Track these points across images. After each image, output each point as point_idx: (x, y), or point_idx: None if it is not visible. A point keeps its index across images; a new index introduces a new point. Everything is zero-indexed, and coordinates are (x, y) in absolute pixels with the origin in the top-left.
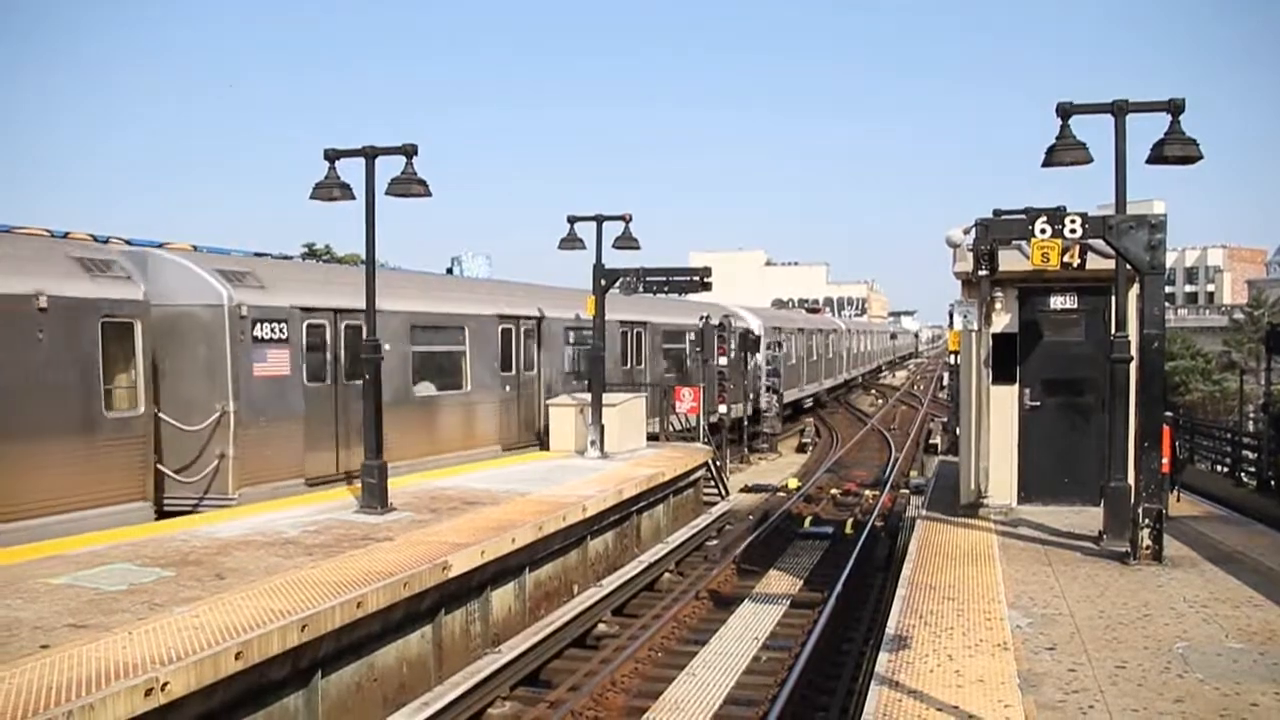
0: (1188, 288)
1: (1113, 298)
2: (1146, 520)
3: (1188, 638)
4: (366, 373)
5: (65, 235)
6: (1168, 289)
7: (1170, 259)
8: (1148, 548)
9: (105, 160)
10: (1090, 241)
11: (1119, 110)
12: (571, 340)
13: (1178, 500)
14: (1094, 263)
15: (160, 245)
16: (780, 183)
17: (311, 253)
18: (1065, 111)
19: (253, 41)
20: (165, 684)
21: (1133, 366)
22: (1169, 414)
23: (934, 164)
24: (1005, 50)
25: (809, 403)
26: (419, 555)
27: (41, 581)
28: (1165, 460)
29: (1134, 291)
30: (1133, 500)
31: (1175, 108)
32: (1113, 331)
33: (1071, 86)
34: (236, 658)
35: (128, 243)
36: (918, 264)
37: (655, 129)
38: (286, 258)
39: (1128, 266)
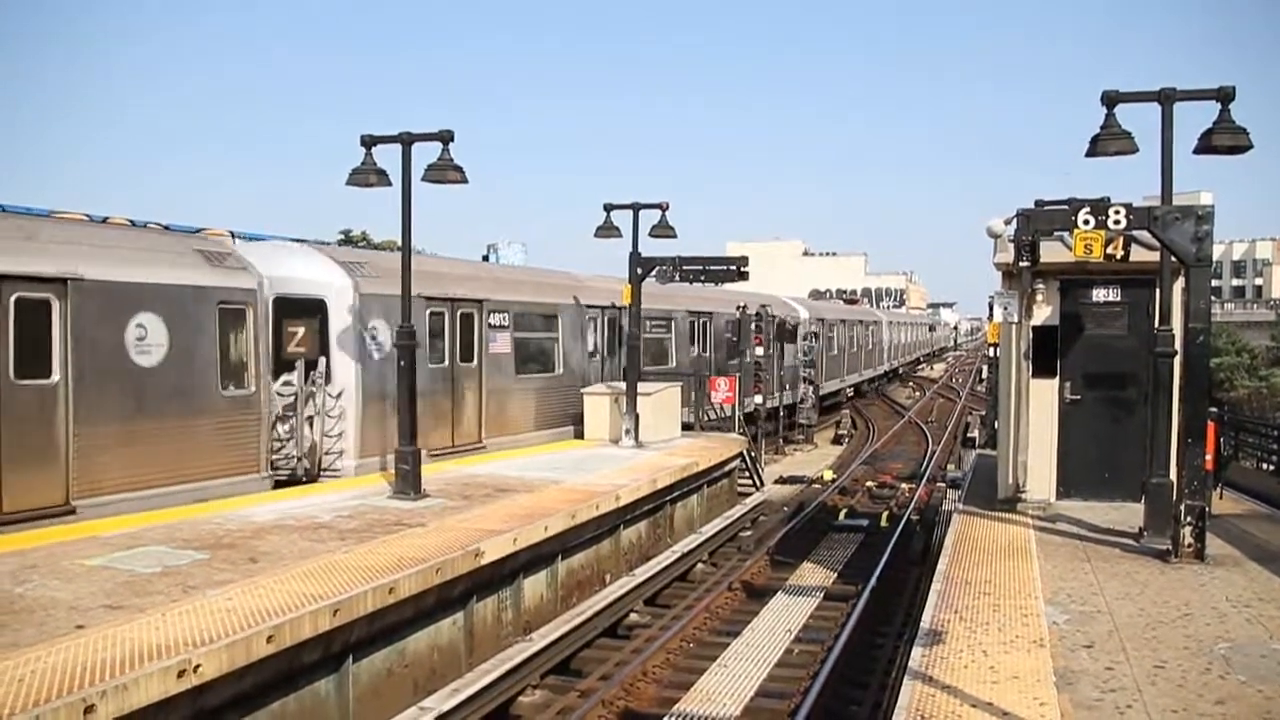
0: (1235, 281)
1: (1157, 290)
2: (1189, 517)
3: (1230, 638)
4: (401, 359)
5: (104, 220)
6: (1214, 282)
7: (1217, 251)
8: (1189, 545)
9: (117, 145)
10: (1134, 233)
11: (1166, 98)
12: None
13: (1221, 498)
14: (1138, 255)
15: (197, 231)
16: (819, 173)
17: (348, 239)
18: (1111, 100)
19: (280, 31)
20: (198, 666)
21: (1176, 361)
22: (1213, 409)
23: (974, 155)
24: (1046, 42)
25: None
26: (451, 541)
27: (78, 563)
28: (1209, 457)
29: (1179, 284)
30: (1175, 497)
31: (1225, 96)
32: (1156, 325)
33: (1112, 78)
34: (268, 641)
35: (165, 228)
36: (957, 255)
37: (693, 119)
38: (323, 244)
39: (1173, 259)
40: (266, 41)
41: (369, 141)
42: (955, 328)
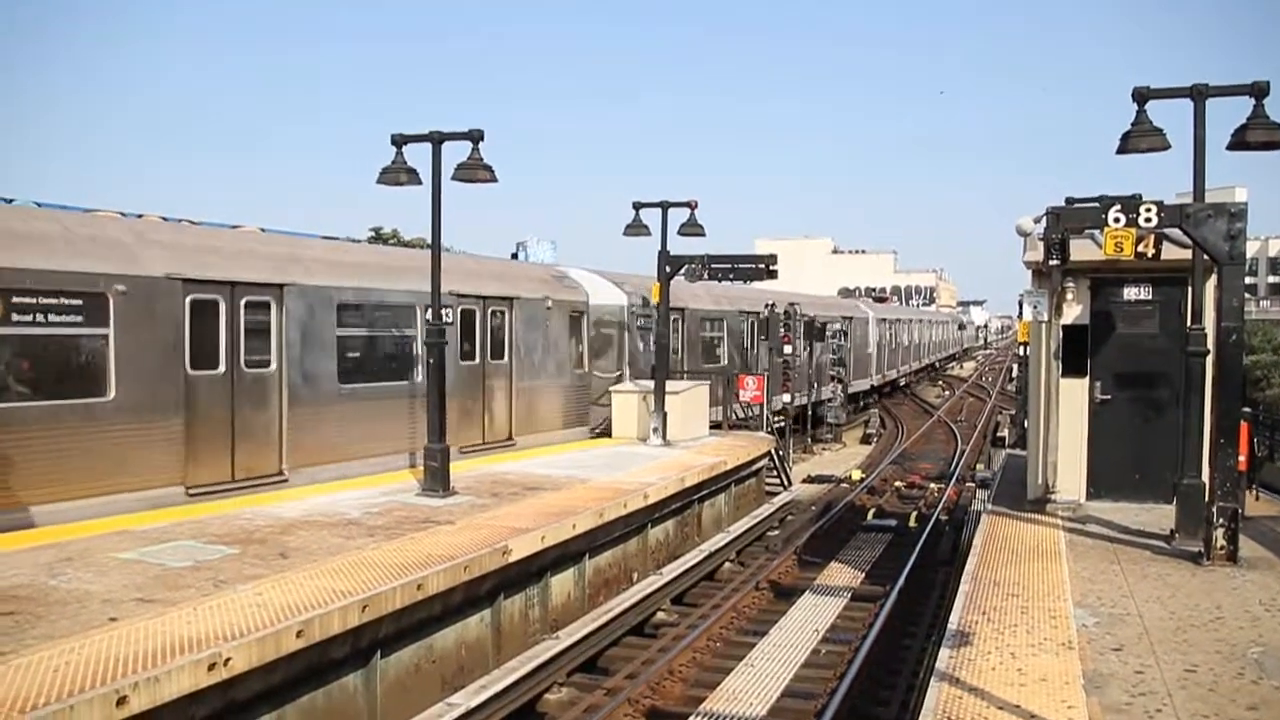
0: (1271, 278)
1: (1189, 289)
2: (1221, 519)
3: (1263, 642)
4: (431, 357)
5: (140, 216)
6: (1249, 279)
7: (1253, 248)
8: (1222, 548)
9: (128, 137)
10: (1166, 231)
11: (1198, 94)
12: None
13: (1255, 499)
14: (1170, 253)
15: (233, 228)
16: (848, 170)
17: (378, 236)
18: (1142, 96)
19: (294, 25)
20: (228, 659)
21: (1209, 360)
22: (1247, 410)
23: (1005, 151)
24: (1075, 42)
25: None
26: (479, 539)
27: (110, 556)
28: (1242, 457)
29: (1211, 282)
30: (1207, 498)
31: (1259, 91)
32: (1189, 324)
33: (1138, 70)
34: (298, 636)
35: (194, 224)
36: (988, 253)
37: (723, 117)
38: (354, 241)
39: (1205, 257)
40: (279, 36)
41: (399, 141)
42: (985, 326)
